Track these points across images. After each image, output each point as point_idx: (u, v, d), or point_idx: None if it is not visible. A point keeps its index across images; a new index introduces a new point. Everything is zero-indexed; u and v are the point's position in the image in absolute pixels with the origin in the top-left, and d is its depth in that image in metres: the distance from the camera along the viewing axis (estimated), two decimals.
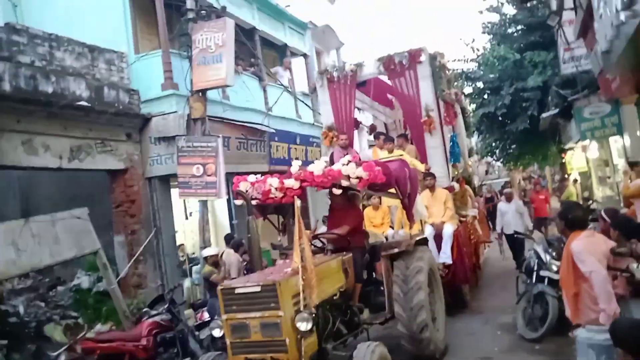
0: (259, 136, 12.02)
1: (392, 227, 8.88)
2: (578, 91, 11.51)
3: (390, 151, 9.16)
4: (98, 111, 9.05)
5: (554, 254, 6.94)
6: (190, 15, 9.86)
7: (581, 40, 9.46)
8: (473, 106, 17.83)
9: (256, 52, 12.75)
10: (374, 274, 6.58)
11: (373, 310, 6.22)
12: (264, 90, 12.78)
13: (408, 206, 6.50)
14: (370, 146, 11.59)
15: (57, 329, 8.28)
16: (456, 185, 9.33)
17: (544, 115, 13.87)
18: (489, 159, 22.78)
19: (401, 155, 8.79)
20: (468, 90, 17.68)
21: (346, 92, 9.45)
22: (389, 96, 11.31)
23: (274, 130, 12.49)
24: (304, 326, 4.43)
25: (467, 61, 17.23)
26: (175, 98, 9.95)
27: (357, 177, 5.39)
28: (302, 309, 4.50)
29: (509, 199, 10.81)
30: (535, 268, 6.94)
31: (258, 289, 4.54)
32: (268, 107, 12.52)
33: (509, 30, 16.97)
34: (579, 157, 17.03)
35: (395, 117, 12.04)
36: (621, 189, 9.62)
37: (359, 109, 10.97)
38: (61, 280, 10.53)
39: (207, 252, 8.44)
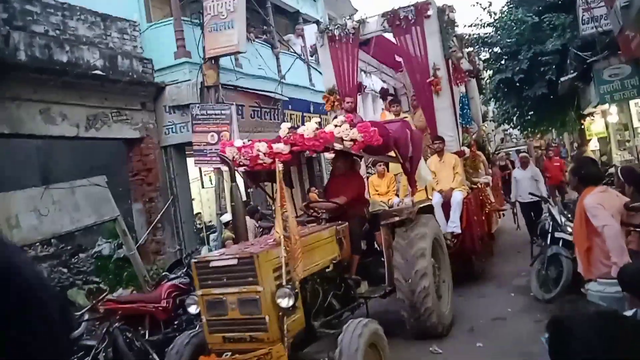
0: (272, 104, 12.02)
1: (398, 196, 8.58)
2: (597, 53, 11.24)
3: (397, 114, 8.72)
4: (112, 80, 9.11)
5: (569, 216, 6.90)
6: None
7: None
8: (490, 72, 17.55)
9: (268, 19, 12.65)
10: (376, 245, 6.17)
11: (373, 284, 5.84)
12: (277, 58, 12.71)
13: (410, 171, 6.06)
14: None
15: (80, 293, 8.54)
16: (467, 150, 8.66)
17: (562, 79, 13.59)
18: (506, 126, 22.45)
19: (405, 118, 8.32)
20: (485, 55, 17.39)
21: (349, 52, 8.65)
22: (397, 58, 10.20)
23: (287, 99, 12.46)
24: (285, 302, 4.04)
25: (483, 25, 16.89)
26: (188, 66, 9.96)
27: (352, 140, 4.97)
28: (284, 283, 4.11)
29: (524, 164, 10.14)
30: (550, 230, 6.92)
31: (234, 261, 4.17)
32: (281, 75, 12.47)
33: None
34: (598, 122, 16.74)
35: (405, 81, 11.75)
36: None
37: (365, 72, 10.47)
38: (82, 247, 10.81)
39: (225, 217, 8.57)
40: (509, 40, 15.86)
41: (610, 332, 1.29)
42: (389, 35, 9.00)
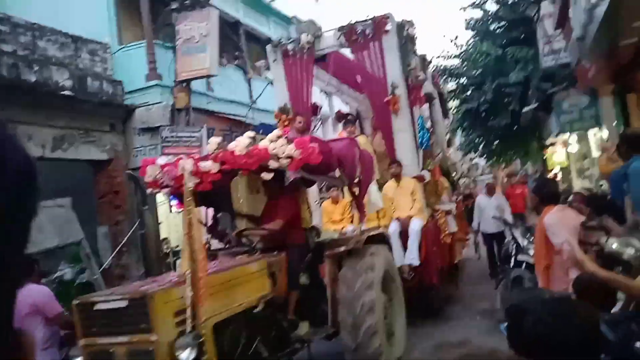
0: (243, 129, 12.01)
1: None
2: (557, 84, 11.72)
3: (353, 134, 8.07)
4: (81, 101, 9.03)
5: (531, 239, 7.06)
6: (174, 5, 9.92)
7: (560, 33, 9.67)
8: (457, 102, 18.04)
9: (240, 44, 12.80)
10: (322, 278, 5.46)
11: (317, 324, 5.12)
12: (249, 83, 12.82)
13: (358, 195, 5.59)
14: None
15: None
16: (427, 175, 8.09)
17: (525, 109, 14.08)
18: (472, 155, 22.98)
19: (365, 142, 7.90)
20: (452, 86, 17.90)
21: (303, 68, 8.11)
22: (358, 78, 9.42)
23: (258, 124, 12.52)
24: (185, 355, 3.27)
25: (450, 57, 17.44)
26: (160, 89, 9.96)
27: (288, 157, 4.41)
28: (188, 330, 3.35)
29: (490, 191, 9.89)
30: (514, 253, 7.05)
31: (124, 303, 3.40)
32: (252, 100, 12.56)
33: (492, 27, 17.17)
34: (560, 152, 17.29)
35: (367, 103, 10.72)
36: (597, 176, 9.50)
37: (325, 92, 10.04)
38: (44, 272, 10.43)
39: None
40: (474, 72, 16.40)
41: (561, 312, 1.36)
42: (349, 53, 8.63)
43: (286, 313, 4.78)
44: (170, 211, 12.05)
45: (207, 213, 5.59)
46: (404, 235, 7.23)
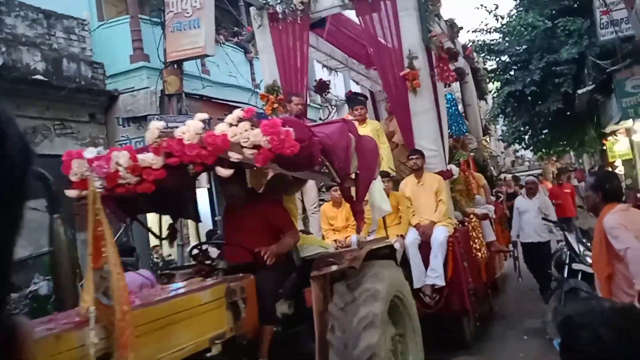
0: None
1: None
2: (619, 61, 11.57)
3: (362, 121, 7.21)
4: (56, 87, 9.11)
5: (588, 244, 7.00)
6: None
7: (620, 1, 9.56)
8: (498, 84, 17.94)
9: (241, 19, 12.82)
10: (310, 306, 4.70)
11: None
12: (250, 64, 12.84)
13: (356, 196, 4.86)
14: None
15: None
16: (455, 170, 7.47)
17: (579, 91, 13.94)
18: (517, 146, 22.83)
19: (377, 129, 7.29)
20: (492, 65, 17.80)
21: (296, 36, 7.36)
22: (369, 49, 8.40)
23: (262, 111, 12.54)
24: None
25: (489, 31, 17.35)
26: (146, 71, 10.03)
27: (254, 146, 3.69)
28: None
29: (531, 192, 8.97)
30: (567, 261, 7.00)
31: None
32: (255, 84, 12.58)
33: None
34: (622, 142, 17.11)
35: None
36: None
37: (329, 68, 9.41)
38: (15, 286, 10.58)
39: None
40: (518, 48, 16.29)
41: (623, 326, 1.34)
42: (353, 15, 7.87)
43: (258, 355, 4.10)
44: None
45: (160, 221, 4.88)
46: (425, 247, 6.52)
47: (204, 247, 4.91)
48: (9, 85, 8.46)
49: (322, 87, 9.13)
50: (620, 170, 17.75)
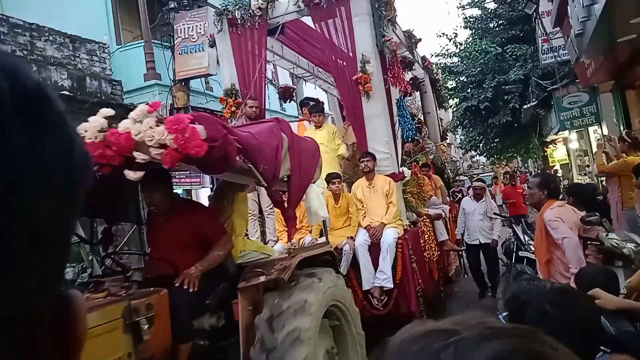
0: None
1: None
2: (557, 81, 11.76)
3: (318, 126, 6.69)
4: (80, 101, 9.04)
5: (532, 235, 7.10)
6: (172, 4, 9.93)
7: (558, 31, 9.71)
8: (457, 100, 18.11)
9: (273, 57, 12.76)
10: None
11: None
12: (278, 91, 12.81)
13: (281, 201, 3.95)
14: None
15: None
16: (407, 172, 6.72)
17: (525, 107, 14.14)
18: (473, 153, 23.06)
19: (333, 132, 6.72)
20: (452, 84, 17.96)
21: (254, 41, 6.71)
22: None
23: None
24: None
25: (450, 55, 17.51)
26: (158, 88, 9.99)
27: (161, 145, 2.92)
28: None
29: (478, 196, 8.02)
30: (515, 249, 7.08)
31: None
32: (282, 108, 12.57)
33: (491, 25, 17.25)
34: (561, 149, 17.38)
35: None
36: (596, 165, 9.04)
37: (297, 77, 8.91)
38: None
39: None
40: (474, 70, 16.46)
41: (562, 302, 1.38)
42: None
43: None
44: None
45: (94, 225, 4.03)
46: (374, 248, 5.73)
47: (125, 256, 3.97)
48: None
49: (286, 93, 8.48)
50: (559, 172, 18.03)
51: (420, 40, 8.48)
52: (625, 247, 4.15)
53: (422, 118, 9.70)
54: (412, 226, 6.46)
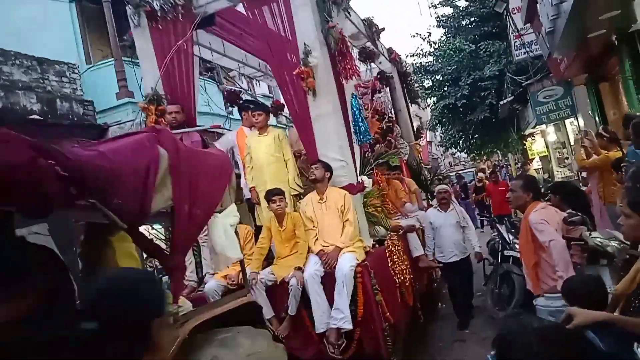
0: (217, 139, 11.93)
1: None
2: (531, 76, 11.85)
3: (262, 128, 5.56)
4: (51, 124, 8.84)
5: (516, 233, 7.10)
6: None
7: (529, 26, 9.77)
8: (434, 99, 18.18)
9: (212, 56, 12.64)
10: None
11: None
12: (223, 94, 12.68)
13: (155, 247, 2.67)
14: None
15: None
16: (367, 182, 5.56)
17: (501, 102, 14.23)
18: (453, 149, 23.18)
19: (280, 137, 5.55)
20: (428, 83, 18.04)
21: (178, 36, 5.61)
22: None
23: (228, 129, 12.43)
24: None
25: (425, 55, 17.58)
26: (131, 106, 9.79)
27: None
28: None
29: (444, 204, 6.70)
30: (500, 249, 7.07)
31: None
32: (228, 111, 12.45)
33: (463, 22, 17.36)
34: (539, 142, 17.53)
35: None
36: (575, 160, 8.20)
37: (247, 77, 7.89)
38: None
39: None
40: (449, 68, 16.52)
41: (551, 342, 1.32)
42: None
43: None
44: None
45: None
46: (330, 279, 4.56)
47: None
48: (8, 127, 8.16)
49: (232, 97, 7.46)
50: (538, 164, 18.20)
51: (382, 29, 7.71)
52: (609, 245, 4.12)
53: (393, 116, 8.88)
54: (377, 245, 5.37)
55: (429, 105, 19.05)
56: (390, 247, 5.46)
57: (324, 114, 5.11)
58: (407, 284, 5.51)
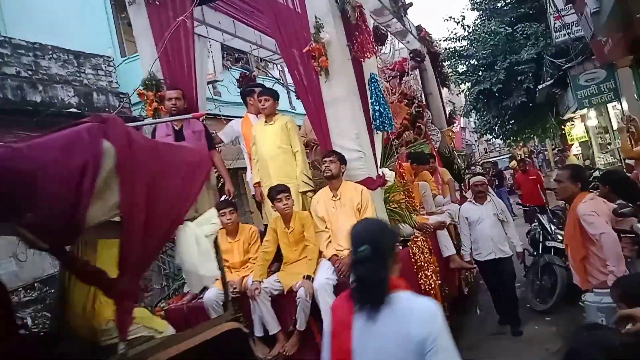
0: None
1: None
2: (572, 59, 11.41)
3: (269, 115, 4.88)
4: (87, 116, 8.99)
5: (558, 223, 6.89)
6: None
7: (570, 7, 9.39)
8: (468, 84, 17.79)
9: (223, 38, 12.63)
10: None
11: None
12: (237, 80, 12.69)
13: (95, 271, 2.30)
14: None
15: None
16: (389, 174, 4.85)
17: (540, 87, 13.80)
18: (489, 136, 22.70)
19: (288, 126, 4.82)
20: (462, 68, 17.65)
21: (177, 12, 4.93)
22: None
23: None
24: None
25: (458, 39, 17.17)
26: None
27: None
28: None
29: (481, 197, 5.87)
30: (541, 239, 6.87)
31: None
32: None
33: (498, 4, 16.86)
34: (579, 127, 16.99)
35: None
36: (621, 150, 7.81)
37: (263, 60, 7.28)
38: None
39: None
40: (484, 52, 16.10)
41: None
42: None
43: None
44: None
45: None
46: (343, 288, 3.25)
47: None
48: (48, 120, 8.35)
49: (246, 82, 6.78)
50: (578, 150, 17.64)
51: (410, 4, 7.09)
52: None
53: (423, 100, 8.24)
54: (401, 247, 4.59)
55: (462, 91, 18.62)
56: (415, 249, 4.80)
57: (339, 97, 4.47)
58: (433, 291, 4.79)
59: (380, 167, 4.81)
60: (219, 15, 5.60)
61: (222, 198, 5.01)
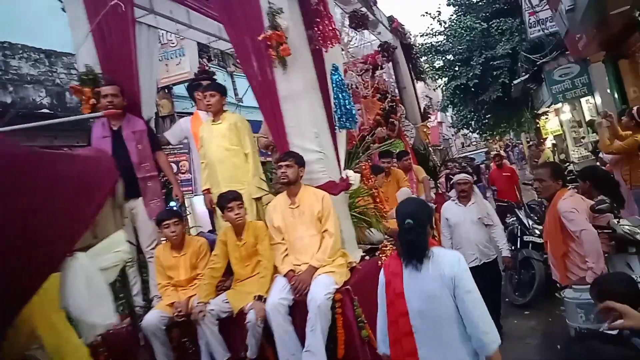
0: None
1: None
2: (546, 54, 11.56)
3: (216, 113, 4.33)
4: (61, 118, 8.77)
5: (535, 218, 6.95)
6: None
7: (544, 3, 9.49)
8: (445, 79, 17.90)
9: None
10: None
11: None
12: (232, 81, 12.55)
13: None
14: None
15: None
16: (353, 177, 4.19)
17: (515, 81, 13.96)
18: (465, 130, 22.92)
19: (237, 125, 4.27)
20: (439, 63, 17.75)
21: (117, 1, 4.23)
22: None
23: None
24: None
25: (435, 34, 17.27)
26: None
27: None
28: None
29: (464, 197, 5.27)
30: (519, 234, 6.93)
31: None
32: (238, 98, 12.31)
33: (474, 0, 17.00)
34: (553, 120, 17.23)
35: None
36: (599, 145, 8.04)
37: (225, 53, 7.63)
38: None
39: None
40: (460, 47, 16.23)
41: None
42: None
43: None
44: None
45: None
46: (302, 309, 3.37)
47: None
48: (19, 121, 8.12)
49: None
50: (552, 143, 17.90)
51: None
52: (638, 233, 4.01)
53: (396, 95, 7.79)
54: (368, 257, 4.16)
55: (440, 86, 18.76)
56: (384, 258, 4.08)
57: (296, 92, 3.86)
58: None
59: (344, 169, 4.22)
60: (170, 3, 5.04)
61: (170, 205, 4.64)
